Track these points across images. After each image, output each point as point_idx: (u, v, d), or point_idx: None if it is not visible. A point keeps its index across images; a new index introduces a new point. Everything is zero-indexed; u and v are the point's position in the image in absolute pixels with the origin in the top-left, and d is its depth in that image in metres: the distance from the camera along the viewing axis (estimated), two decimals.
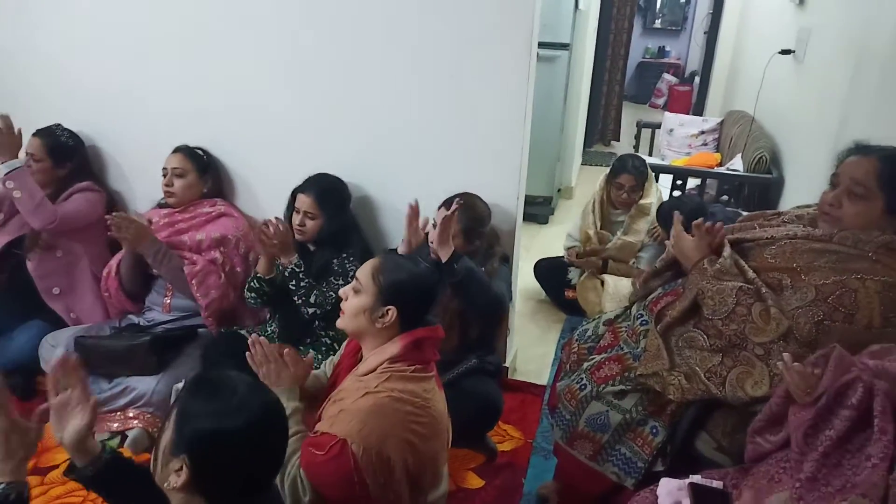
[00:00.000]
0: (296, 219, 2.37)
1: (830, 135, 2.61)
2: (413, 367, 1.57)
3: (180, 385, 2.26)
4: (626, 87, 7.31)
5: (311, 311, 2.28)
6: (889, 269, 1.51)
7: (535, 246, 4.07)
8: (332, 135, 2.52)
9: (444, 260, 2.06)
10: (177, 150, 2.58)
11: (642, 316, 1.87)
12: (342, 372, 1.71)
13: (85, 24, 2.68)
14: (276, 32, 2.45)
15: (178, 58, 2.61)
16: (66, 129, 2.73)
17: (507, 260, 2.42)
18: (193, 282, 2.43)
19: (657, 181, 3.34)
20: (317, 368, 1.88)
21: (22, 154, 2.56)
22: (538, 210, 4.55)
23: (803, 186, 3.00)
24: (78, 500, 2.10)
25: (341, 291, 1.65)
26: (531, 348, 3.02)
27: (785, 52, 3.54)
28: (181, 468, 1.09)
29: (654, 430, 1.71)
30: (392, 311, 1.55)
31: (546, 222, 4.61)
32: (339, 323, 1.64)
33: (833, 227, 1.62)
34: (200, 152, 2.62)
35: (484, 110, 2.32)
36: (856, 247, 1.56)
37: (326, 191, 2.39)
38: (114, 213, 2.34)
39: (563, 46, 4.21)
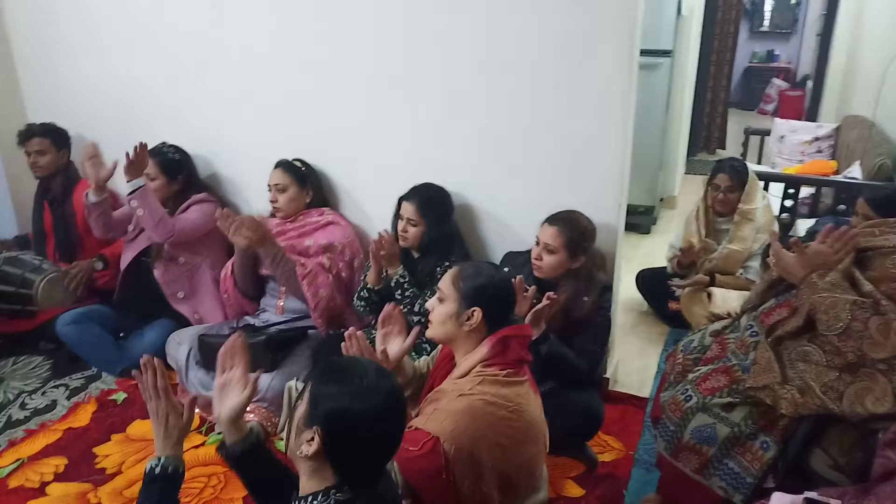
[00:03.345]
0: (399, 226, 2.46)
1: None
2: (505, 372, 1.59)
3: (293, 382, 2.40)
4: (731, 93, 7.03)
5: (415, 319, 2.35)
6: None
7: (636, 257, 3.99)
8: (435, 145, 2.60)
9: (533, 337, 1.96)
10: (277, 165, 2.72)
11: (752, 327, 1.82)
12: (438, 378, 1.75)
13: (190, 49, 2.93)
14: (377, 47, 2.56)
15: (283, 71, 2.78)
16: (172, 146, 2.95)
17: (608, 289, 2.35)
18: (304, 282, 2.57)
19: (767, 189, 3.20)
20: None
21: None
22: (640, 220, 4.46)
23: None
24: (199, 486, 2.25)
25: (427, 304, 1.72)
26: (632, 360, 2.97)
27: None
28: (313, 438, 1.16)
29: (765, 445, 1.65)
30: (477, 312, 1.60)
31: (648, 232, 4.51)
32: (429, 332, 1.70)
33: None
34: (298, 164, 2.74)
35: (585, 119, 2.32)
36: None
37: (429, 199, 2.46)
38: (240, 217, 2.50)
39: (666, 53, 4.14)
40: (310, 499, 1.18)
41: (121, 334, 2.95)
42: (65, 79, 3.32)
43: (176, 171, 2.89)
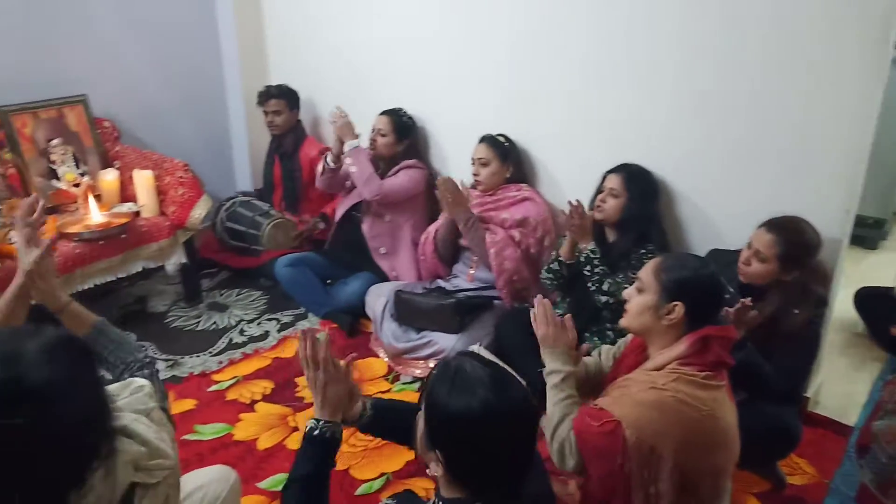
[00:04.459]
0: (598, 198, 2.42)
1: None
2: (704, 374, 1.51)
3: (476, 347, 2.48)
4: None
5: (603, 298, 2.32)
6: None
7: (857, 272, 3.58)
8: (643, 130, 2.52)
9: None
10: (482, 139, 2.81)
11: None
12: (625, 368, 1.71)
13: (417, 19, 3.10)
14: (590, 27, 2.54)
15: (495, 50, 2.85)
16: (406, 112, 3.13)
17: (824, 304, 2.11)
18: (492, 251, 2.65)
19: None
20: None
21: (364, 137, 3.04)
22: (867, 233, 3.98)
23: None
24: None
25: (625, 293, 1.66)
26: (838, 383, 2.69)
27: None
28: (437, 461, 1.16)
29: None
30: (679, 307, 1.53)
31: (875, 248, 4.02)
32: (623, 321, 1.65)
33: None
34: (502, 139, 2.80)
35: (823, 113, 2.12)
36: None
37: (637, 173, 2.40)
38: (444, 177, 2.66)
39: None
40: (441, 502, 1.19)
41: (328, 281, 3.24)
42: (305, 43, 3.65)
43: (404, 134, 3.09)
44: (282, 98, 3.45)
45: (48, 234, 2.70)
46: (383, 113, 3.09)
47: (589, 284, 2.35)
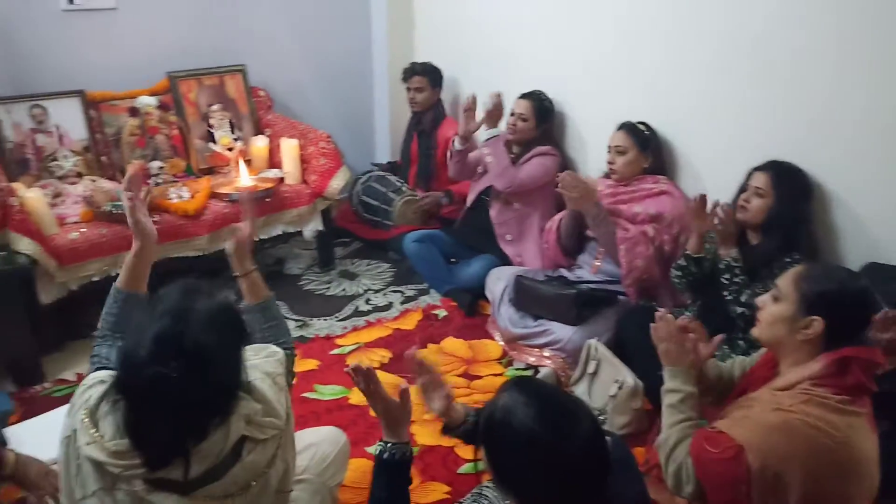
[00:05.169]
0: (742, 197, 2.24)
1: None
2: (839, 397, 1.38)
3: (593, 341, 2.43)
4: None
5: (739, 310, 2.17)
6: None
7: None
8: (799, 121, 2.28)
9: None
10: (620, 127, 2.69)
11: None
12: (753, 383, 1.60)
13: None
14: (733, 8, 2.36)
15: (641, 32, 2.73)
16: (546, 95, 3.07)
17: None
18: (622, 247, 2.55)
19: None
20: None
21: (502, 125, 3.02)
22: None
23: None
24: None
25: (758, 300, 1.55)
26: None
27: None
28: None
29: None
30: (817, 323, 1.40)
31: None
32: (755, 331, 1.55)
33: None
34: (643, 127, 2.67)
35: None
36: None
37: (786, 172, 2.20)
38: (565, 172, 2.57)
39: None
40: None
41: (452, 259, 3.29)
42: (452, 22, 3.67)
43: (544, 119, 3.05)
44: (425, 75, 3.51)
45: (203, 193, 2.94)
46: (523, 97, 3.05)
47: (725, 293, 2.21)
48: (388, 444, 1.43)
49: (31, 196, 2.57)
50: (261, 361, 1.30)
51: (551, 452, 1.10)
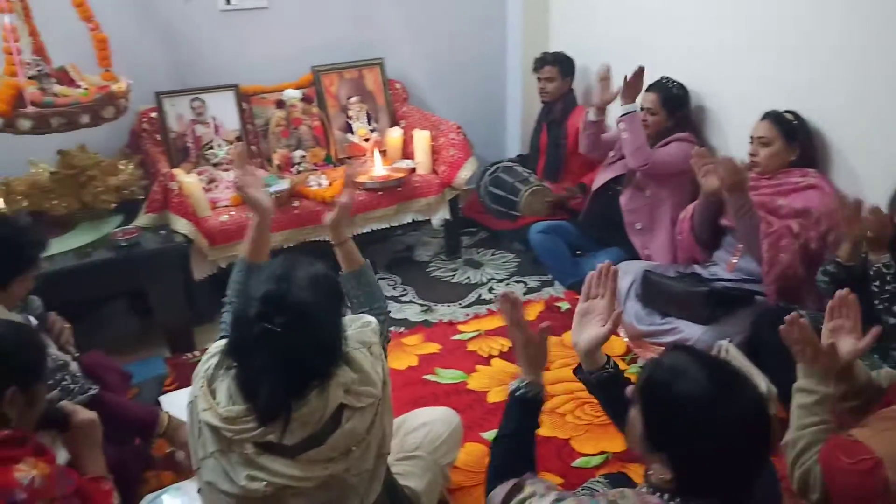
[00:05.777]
0: None
1: None
2: None
3: (725, 343, 2.29)
4: None
5: (892, 320, 1.97)
6: None
7: None
8: None
9: None
10: (765, 116, 2.50)
11: None
12: None
13: None
14: None
15: (778, 24, 2.55)
16: (675, 81, 2.93)
17: None
18: (765, 242, 2.37)
19: None
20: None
21: (638, 100, 2.90)
22: None
23: None
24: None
25: None
26: None
27: None
28: (662, 463, 1.09)
29: None
30: None
31: None
32: None
33: None
34: (790, 117, 2.47)
35: None
36: None
37: None
38: (718, 158, 2.43)
39: None
40: (652, 490, 1.12)
41: (577, 251, 3.23)
42: (587, 10, 3.60)
43: (675, 108, 2.92)
44: (556, 65, 3.47)
45: (340, 181, 3.09)
46: (648, 89, 2.92)
47: (876, 302, 2.01)
48: (524, 382, 1.43)
49: (189, 181, 2.84)
50: (356, 332, 1.37)
51: (723, 407, 1.06)
